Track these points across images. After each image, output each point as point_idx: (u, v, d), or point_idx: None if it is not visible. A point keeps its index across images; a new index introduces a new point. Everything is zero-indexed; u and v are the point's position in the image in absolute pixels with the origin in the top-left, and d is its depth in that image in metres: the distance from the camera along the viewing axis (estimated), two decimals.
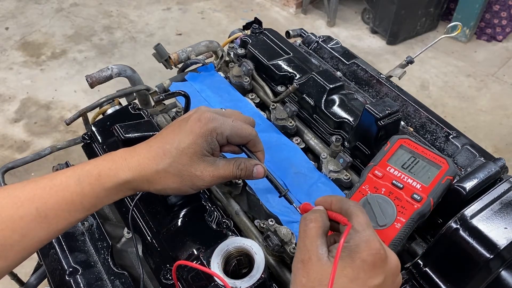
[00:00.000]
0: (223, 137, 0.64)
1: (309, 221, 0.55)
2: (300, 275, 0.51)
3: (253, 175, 0.68)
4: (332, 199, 0.58)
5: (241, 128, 0.66)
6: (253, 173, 0.68)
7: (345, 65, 1.13)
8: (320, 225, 0.54)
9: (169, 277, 0.76)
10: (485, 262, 0.61)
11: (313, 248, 0.52)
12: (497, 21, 3.47)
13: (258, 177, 0.69)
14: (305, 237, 0.54)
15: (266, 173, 0.70)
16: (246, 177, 0.68)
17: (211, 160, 0.64)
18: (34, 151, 2.46)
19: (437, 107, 2.97)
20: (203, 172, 0.63)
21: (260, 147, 0.71)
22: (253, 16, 1.26)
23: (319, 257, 0.51)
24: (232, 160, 0.67)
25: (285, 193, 0.71)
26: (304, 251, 0.53)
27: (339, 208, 0.57)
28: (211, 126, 0.62)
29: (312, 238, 0.53)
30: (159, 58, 1.16)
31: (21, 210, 0.56)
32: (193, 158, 0.61)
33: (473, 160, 0.86)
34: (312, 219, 0.55)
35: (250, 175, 0.68)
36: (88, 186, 0.59)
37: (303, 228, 0.55)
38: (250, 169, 0.68)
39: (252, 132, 0.68)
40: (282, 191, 0.71)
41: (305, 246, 0.53)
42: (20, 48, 3.41)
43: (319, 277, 0.50)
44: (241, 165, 0.67)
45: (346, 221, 0.53)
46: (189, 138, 0.61)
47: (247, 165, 0.67)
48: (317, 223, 0.54)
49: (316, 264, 0.51)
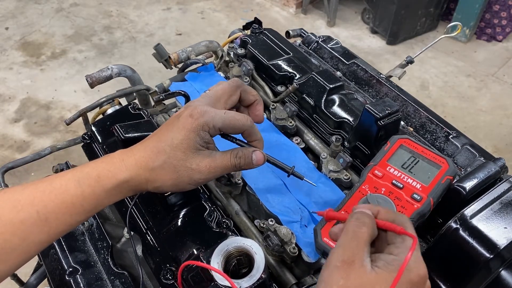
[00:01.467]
0: (215, 129, 0.63)
1: (362, 224, 0.52)
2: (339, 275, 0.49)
3: (253, 162, 0.67)
4: (380, 209, 0.56)
5: (234, 119, 0.65)
6: (252, 160, 0.66)
7: (345, 65, 1.13)
8: (371, 232, 0.52)
9: (169, 277, 0.76)
10: (485, 262, 0.61)
11: (359, 253, 0.50)
12: (497, 21, 3.47)
13: (258, 164, 0.67)
14: (354, 238, 0.52)
15: (267, 158, 0.69)
16: (246, 166, 0.67)
17: (207, 152, 0.63)
18: (34, 151, 2.47)
19: (437, 107, 2.97)
20: (199, 165, 0.62)
21: (256, 136, 0.69)
22: (253, 16, 1.26)
23: (363, 263, 0.49)
24: (229, 150, 0.66)
25: (292, 170, 0.71)
26: (349, 252, 0.51)
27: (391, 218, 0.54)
28: (202, 121, 0.62)
29: (360, 242, 0.51)
30: (159, 58, 1.16)
31: (21, 213, 0.56)
32: (187, 152, 0.61)
33: (473, 160, 0.86)
34: (366, 223, 0.52)
35: (250, 163, 0.66)
36: (88, 188, 0.59)
37: (354, 228, 0.52)
38: (249, 156, 0.66)
39: (246, 121, 0.66)
40: (288, 170, 0.71)
41: (351, 248, 0.51)
42: (20, 48, 3.41)
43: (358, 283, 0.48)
44: (238, 153, 0.65)
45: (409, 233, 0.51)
46: (181, 134, 0.61)
47: (245, 153, 0.66)
48: (369, 229, 0.52)
49: (359, 270, 0.49)
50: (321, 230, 0.67)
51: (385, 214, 0.55)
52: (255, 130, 0.68)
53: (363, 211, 0.55)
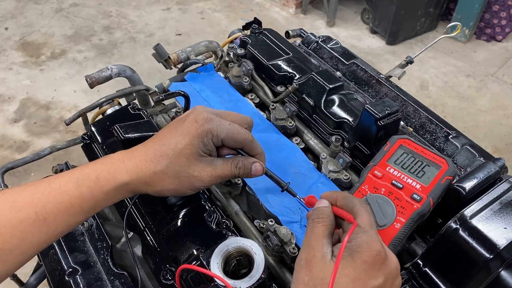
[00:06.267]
0: (218, 139, 0.64)
1: (316, 222, 0.55)
2: (303, 273, 0.52)
3: (252, 173, 0.68)
4: (337, 195, 0.59)
5: (237, 133, 0.65)
6: (251, 171, 0.68)
7: (345, 65, 1.13)
8: (327, 224, 0.55)
9: (168, 277, 0.76)
10: (484, 262, 0.61)
11: (318, 247, 0.53)
12: (497, 21, 3.47)
13: (256, 175, 0.69)
14: (311, 235, 0.54)
15: (265, 171, 0.71)
16: (244, 176, 0.68)
17: (209, 160, 0.64)
18: (33, 151, 2.47)
19: (437, 107, 2.97)
20: (201, 173, 0.63)
21: (257, 151, 0.70)
22: (253, 16, 1.26)
23: (323, 256, 0.52)
24: (230, 159, 0.67)
25: (287, 187, 0.72)
26: (309, 249, 0.53)
27: (344, 204, 0.57)
28: (207, 127, 0.62)
29: (317, 237, 0.54)
30: (158, 58, 1.16)
31: (20, 214, 0.56)
32: (190, 159, 0.61)
33: (472, 160, 0.86)
34: (320, 220, 0.55)
35: (248, 173, 0.68)
36: (86, 190, 0.59)
37: (310, 227, 0.56)
38: (248, 167, 0.68)
39: (248, 137, 0.67)
40: (283, 185, 0.73)
41: (310, 245, 0.53)
42: (19, 48, 3.41)
43: (321, 275, 0.50)
44: (239, 163, 0.67)
45: (352, 219, 0.54)
46: (185, 139, 0.61)
47: (245, 164, 0.67)
48: (324, 223, 0.55)
49: (320, 263, 0.51)
50: None
51: (341, 200, 0.58)
52: (255, 145, 0.69)
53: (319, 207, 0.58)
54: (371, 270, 0.50)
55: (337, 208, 0.58)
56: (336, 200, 0.58)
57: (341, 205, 0.58)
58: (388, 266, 0.52)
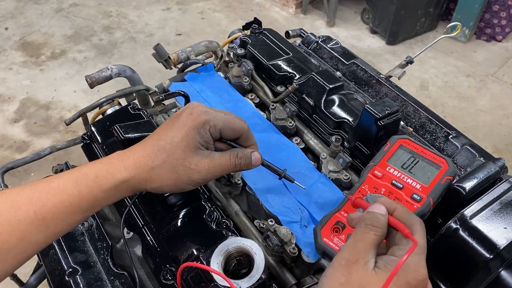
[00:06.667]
0: (216, 129, 0.64)
1: (370, 228, 0.53)
2: (341, 273, 0.51)
3: (252, 162, 0.68)
4: (398, 206, 0.56)
5: (234, 121, 0.66)
6: (252, 160, 0.68)
7: (345, 65, 1.13)
8: (379, 235, 0.53)
9: (168, 277, 0.76)
10: (484, 262, 0.61)
11: (364, 254, 0.51)
12: (497, 21, 3.47)
13: (256, 164, 0.69)
14: (361, 240, 0.53)
15: (262, 160, 0.71)
16: (245, 166, 0.68)
17: (206, 153, 0.64)
18: (33, 151, 2.47)
19: (437, 107, 2.97)
20: (198, 165, 0.62)
21: (252, 141, 0.70)
22: (253, 16, 1.26)
23: (366, 263, 0.50)
24: (228, 151, 0.67)
25: (284, 173, 0.74)
26: (354, 252, 0.52)
27: (404, 218, 0.55)
28: (204, 119, 0.62)
29: (366, 244, 0.52)
30: (158, 58, 1.16)
31: (19, 213, 0.56)
32: (186, 151, 0.61)
33: (472, 160, 0.86)
34: (374, 228, 0.53)
35: (249, 163, 0.68)
36: (85, 188, 0.59)
37: (361, 231, 0.53)
38: (248, 157, 0.67)
39: (244, 125, 0.68)
40: (280, 173, 0.74)
41: (357, 248, 0.52)
42: (19, 48, 3.41)
43: (359, 282, 0.49)
44: (238, 154, 0.66)
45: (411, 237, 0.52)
46: (181, 132, 0.61)
47: (244, 154, 0.67)
48: (378, 233, 0.53)
49: (362, 269, 0.50)
50: (321, 231, 0.67)
51: (401, 213, 0.55)
52: (251, 134, 0.70)
53: (376, 213, 0.55)
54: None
55: (394, 218, 0.55)
56: (395, 210, 0.56)
57: (399, 218, 0.55)
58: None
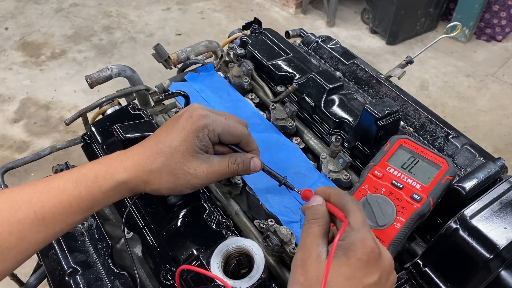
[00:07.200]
0: (214, 134, 0.64)
1: (312, 222, 0.56)
2: (299, 273, 0.52)
3: (251, 168, 0.68)
4: (330, 191, 0.58)
5: (234, 127, 0.65)
6: (250, 166, 0.68)
7: (345, 65, 1.13)
8: (322, 224, 0.55)
9: (168, 277, 0.76)
10: (484, 262, 0.61)
11: (313, 247, 0.53)
12: (497, 21, 3.47)
13: (255, 170, 0.69)
14: (307, 236, 0.55)
15: (262, 166, 0.71)
16: (243, 172, 0.68)
17: (205, 157, 0.63)
18: (33, 151, 2.47)
19: (437, 107, 2.97)
20: (197, 170, 0.62)
21: (253, 146, 0.70)
22: (253, 16, 1.26)
23: (319, 255, 0.52)
24: (227, 156, 0.66)
25: (284, 180, 0.73)
26: (305, 249, 0.53)
27: (337, 201, 0.57)
28: (203, 123, 0.62)
29: (313, 238, 0.54)
30: (158, 58, 1.16)
31: (19, 213, 0.56)
32: (185, 155, 0.61)
33: (472, 160, 0.86)
34: (315, 221, 0.56)
35: (248, 169, 0.68)
36: (85, 189, 0.59)
37: (305, 227, 0.56)
38: (247, 163, 0.67)
39: (245, 131, 0.67)
40: (281, 180, 0.73)
41: (306, 245, 0.54)
42: (19, 48, 3.41)
43: (316, 275, 0.50)
44: (237, 159, 0.66)
45: (343, 217, 0.54)
46: (180, 135, 0.61)
47: (243, 159, 0.67)
48: (319, 223, 0.55)
49: (315, 263, 0.51)
50: None
51: (334, 197, 0.58)
52: (252, 140, 0.69)
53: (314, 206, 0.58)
54: (365, 268, 0.50)
55: (331, 204, 0.58)
56: (330, 196, 0.58)
57: (333, 202, 0.57)
58: (382, 262, 0.52)
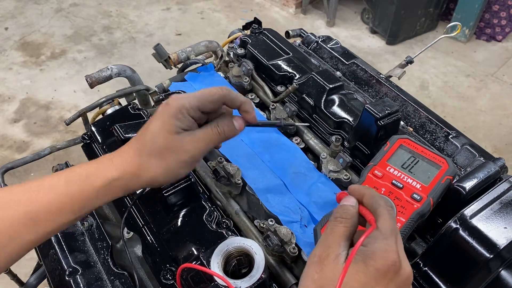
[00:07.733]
0: (194, 109, 0.63)
1: (339, 221, 0.54)
2: (314, 270, 0.51)
3: (237, 127, 0.67)
4: (365, 192, 0.56)
5: (208, 93, 0.64)
6: (235, 126, 0.67)
7: (345, 65, 1.13)
8: (349, 226, 0.53)
9: (169, 277, 0.76)
10: (484, 262, 0.61)
11: (334, 247, 0.51)
12: (497, 21, 3.47)
13: (241, 128, 0.67)
14: (330, 234, 0.53)
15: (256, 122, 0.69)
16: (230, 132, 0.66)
17: (187, 133, 0.63)
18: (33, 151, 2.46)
19: (437, 107, 2.97)
20: (183, 144, 0.62)
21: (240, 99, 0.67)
22: (253, 16, 1.26)
23: (337, 256, 0.50)
24: (208, 124, 0.66)
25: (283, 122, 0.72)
26: (325, 247, 0.52)
27: (370, 204, 0.55)
28: (177, 104, 0.62)
29: (336, 237, 0.52)
30: (158, 58, 1.16)
31: (10, 213, 0.56)
32: (167, 136, 0.62)
33: (472, 160, 0.86)
34: (342, 220, 0.54)
35: (233, 129, 0.66)
36: (76, 188, 0.59)
37: (331, 225, 0.54)
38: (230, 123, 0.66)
39: (222, 91, 0.65)
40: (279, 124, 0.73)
41: (327, 243, 0.52)
42: (19, 48, 3.41)
43: (331, 276, 0.49)
44: (219, 123, 0.65)
45: (373, 221, 0.52)
46: (159, 121, 0.62)
47: (225, 121, 0.66)
48: (346, 224, 0.53)
49: (333, 263, 0.50)
50: (321, 230, 0.67)
51: (367, 199, 0.56)
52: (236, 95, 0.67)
53: (345, 205, 0.56)
54: (382, 279, 0.48)
55: (362, 207, 0.55)
56: (363, 196, 0.56)
57: (366, 204, 0.55)
58: (400, 276, 0.50)
